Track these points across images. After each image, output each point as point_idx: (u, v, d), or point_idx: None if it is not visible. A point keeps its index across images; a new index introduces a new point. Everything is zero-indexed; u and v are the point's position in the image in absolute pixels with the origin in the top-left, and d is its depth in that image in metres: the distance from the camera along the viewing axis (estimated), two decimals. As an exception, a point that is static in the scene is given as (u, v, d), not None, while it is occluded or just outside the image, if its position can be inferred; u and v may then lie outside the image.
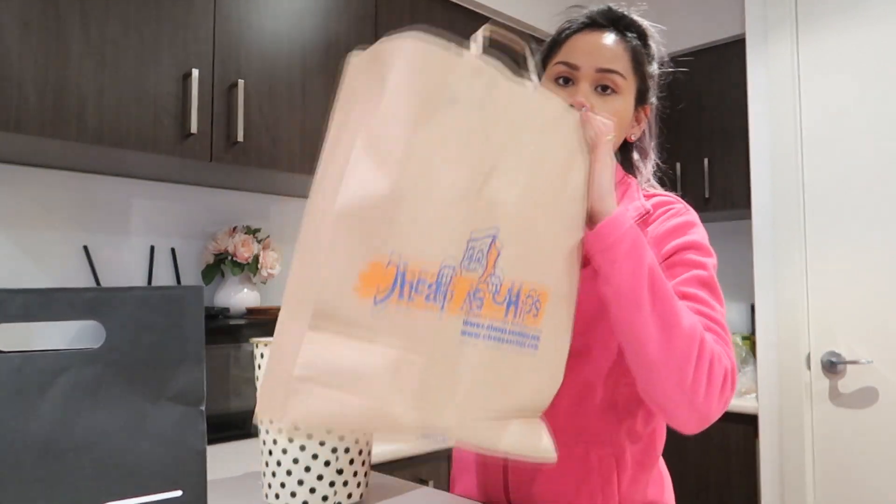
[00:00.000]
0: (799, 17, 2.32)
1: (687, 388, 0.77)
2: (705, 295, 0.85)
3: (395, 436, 0.69)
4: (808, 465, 2.22)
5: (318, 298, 0.58)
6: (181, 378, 0.42)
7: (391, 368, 0.61)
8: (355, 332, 0.60)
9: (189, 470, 0.42)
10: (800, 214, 2.27)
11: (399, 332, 0.62)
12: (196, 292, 0.43)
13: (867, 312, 2.13)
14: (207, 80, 1.66)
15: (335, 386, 0.59)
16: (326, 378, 0.58)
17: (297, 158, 1.83)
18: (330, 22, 1.94)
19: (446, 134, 0.64)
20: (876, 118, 2.14)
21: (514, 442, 0.70)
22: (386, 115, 0.62)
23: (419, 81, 0.63)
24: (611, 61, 0.92)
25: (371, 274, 0.60)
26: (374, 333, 0.61)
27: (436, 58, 0.64)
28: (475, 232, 0.66)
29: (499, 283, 0.68)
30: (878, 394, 2.10)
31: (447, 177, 0.64)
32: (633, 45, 0.95)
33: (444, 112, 0.64)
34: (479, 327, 0.67)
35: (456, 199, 0.64)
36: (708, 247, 0.91)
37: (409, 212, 0.61)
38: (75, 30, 1.47)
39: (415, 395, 0.63)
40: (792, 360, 2.26)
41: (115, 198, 1.88)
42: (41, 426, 0.38)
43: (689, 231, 0.91)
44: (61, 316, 0.39)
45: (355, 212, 0.59)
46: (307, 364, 0.58)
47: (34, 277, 1.73)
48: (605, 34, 0.95)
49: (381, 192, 0.60)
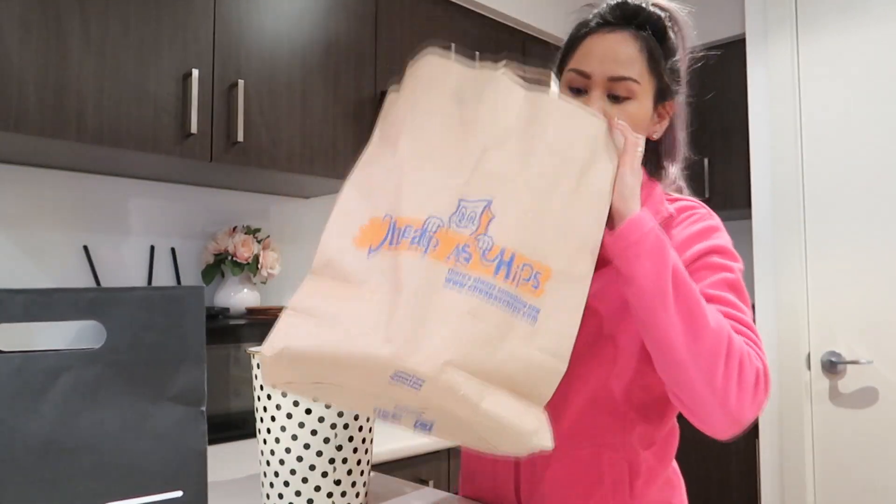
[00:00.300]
0: (799, 17, 2.32)
1: (718, 388, 0.74)
2: (733, 297, 0.83)
3: (372, 380, 0.68)
4: (808, 465, 2.22)
5: (322, 248, 0.71)
6: (181, 378, 0.42)
7: (371, 306, 0.66)
8: (350, 277, 0.69)
9: (189, 470, 0.42)
10: (800, 214, 2.27)
11: (385, 274, 0.67)
12: (196, 292, 0.43)
13: (867, 312, 2.13)
14: (207, 80, 1.66)
15: (316, 320, 0.66)
16: (311, 312, 0.67)
17: (297, 158, 1.83)
18: (330, 22, 1.94)
19: (447, 122, 0.74)
20: (876, 118, 2.14)
21: (496, 408, 0.65)
22: (399, 106, 0.77)
23: (427, 75, 0.76)
24: (624, 67, 0.88)
25: (370, 227, 0.71)
26: (365, 278, 0.68)
27: (449, 65, 0.75)
28: (468, 195, 0.70)
29: (490, 243, 0.68)
30: (878, 394, 2.10)
31: (443, 152, 0.73)
32: (650, 46, 0.90)
33: (449, 107, 0.74)
34: (465, 278, 0.66)
35: (450, 167, 0.72)
36: (733, 251, 0.89)
37: (406, 176, 0.72)
38: (75, 30, 1.47)
39: (388, 329, 0.63)
40: (792, 360, 2.26)
41: (115, 198, 1.88)
42: (41, 426, 0.38)
43: (713, 235, 0.89)
44: (62, 316, 0.39)
45: (364, 178, 0.75)
46: (298, 301, 0.68)
47: (34, 277, 1.73)
48: (618, 35, 0.90)
49: (384, 163, 0.75)
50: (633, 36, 0.90)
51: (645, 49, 0.90)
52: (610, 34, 0.90)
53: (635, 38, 0.90)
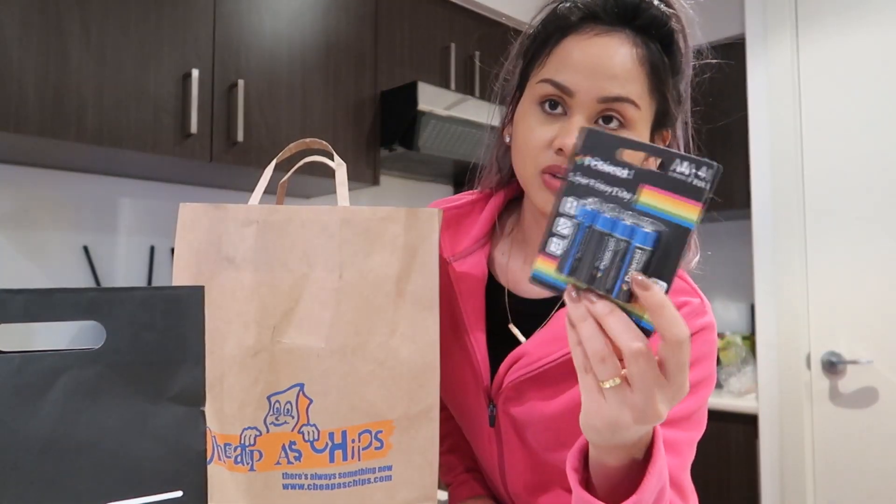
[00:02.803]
0: (799, 18, 2.32)
1: None
2: (685, 459, 0.71)
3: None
4: (808, 465, 2.22)
5: None
6: (181, 378, 0.42)
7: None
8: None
9: (189, 470, 0.42)
10: (800, 214, 2.27)
11: (216, 491, 0.62)
12: (196, 292, 0.43)
13: (867, 312, 2.13)
14: (207, 80, 1.66)
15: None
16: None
17: (297, 158, 1.83)
18: (330, 22, 1.94)
19: (225, 295, 0.63)
20: (876, 118, 2.14)
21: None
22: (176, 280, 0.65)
23: (195, 240, 0.63)
24: (620, 84, 0.66)
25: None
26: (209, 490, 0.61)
27: (206, 216, 0.63)
28: (275, 389, 0.62)
29: (316, 433, 0.62)
30: (878, 394, 2.10)
31: (232, 339, 0.62)
32: (653, 58, 0.68)
33: (223, 273, 0.63)
34: (301, 477, 0.62)
35: (246, 360, 0.62)
36: (713, 377, 0.74)
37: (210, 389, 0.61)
38: (75, 30, 1.47)
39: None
40: (792, 360, 2.26)
41: (116, 198, 1.88)
42: (41, 426, 0.38)
43: (702, 363, 0.72)
44: (61, 316, 0.39)
45: None
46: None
47: (34, 277, 1.73)
48: (612, 39, 0.67)
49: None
50: (632, 42, 0.68)
51: (647, 61, 0.68)
52: (601, 37, 0.67)
53: (634, 44, 0.68)
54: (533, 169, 0.70)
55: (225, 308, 0.62)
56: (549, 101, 0.69)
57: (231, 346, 0.62)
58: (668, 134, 0.76)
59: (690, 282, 0.77)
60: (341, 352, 0.62)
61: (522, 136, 0.72)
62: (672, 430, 0.69)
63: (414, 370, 0.63)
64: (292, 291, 0.62)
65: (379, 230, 0.63)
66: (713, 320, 0.74)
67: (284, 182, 0.80)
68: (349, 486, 0.62)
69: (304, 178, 1.88)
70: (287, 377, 0.62)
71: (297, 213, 0.63)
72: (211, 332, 0.62)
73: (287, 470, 0.62)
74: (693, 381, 0.69)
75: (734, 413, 2.37)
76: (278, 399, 0.62)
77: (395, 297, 0.63)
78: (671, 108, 0.72)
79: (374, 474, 0.63)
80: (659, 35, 0.69)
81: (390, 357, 0.63)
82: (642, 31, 0.69)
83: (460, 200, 0.87)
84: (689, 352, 0.46)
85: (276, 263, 0.62)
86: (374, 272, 0.63)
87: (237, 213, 0.63)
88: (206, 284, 0.62)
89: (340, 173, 0.67)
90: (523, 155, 0.72)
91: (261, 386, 0.62)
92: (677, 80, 0.72)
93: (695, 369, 0.70)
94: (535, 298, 0.80)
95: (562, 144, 0.67)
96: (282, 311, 0.62)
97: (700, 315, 0.72)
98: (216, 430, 0.62)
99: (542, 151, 0.69)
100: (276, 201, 0.79)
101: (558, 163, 0.68)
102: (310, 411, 0.62)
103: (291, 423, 0.62)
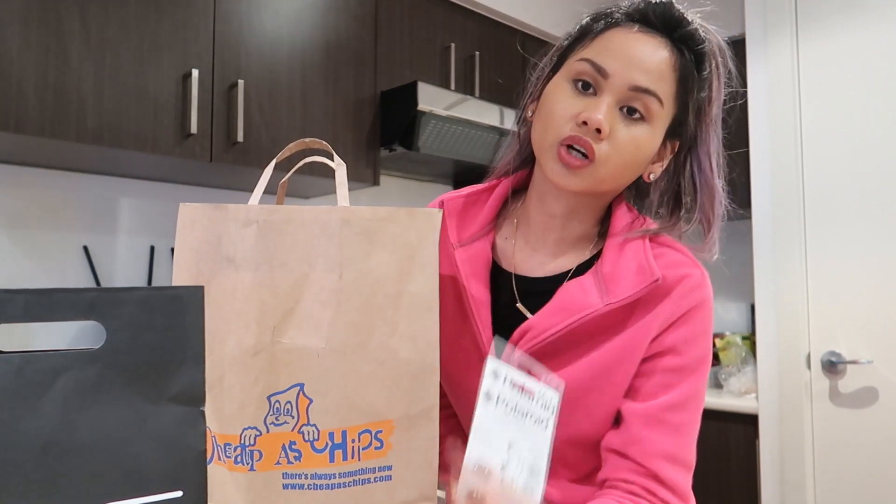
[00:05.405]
0: (799, 17, 2.32)
1: None
2: (681, 418, 0.74)
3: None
4: (808, 465, 2.22)
5: None
6: (181, 378, 0.42)
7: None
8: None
9: (189, 470, 0.42)
10: (800, 214, 2.27)
11: (216, 491, 0.62)
12: (196, 292, 0.43)
13: (867, 312, 2.13)
14: (207, 80, 1.66)
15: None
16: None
17: (297, 159, 1.83)
18: (329, 21, 1.94)
19: (225, 295, 0.63)
20: (876, 118, 2.14)
21: None
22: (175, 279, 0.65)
23: (195, 240, 0.63)
24: (652, 80, 0.72)
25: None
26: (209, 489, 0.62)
27: (206, 216, 0.63)
28: (275, 389, 0.62)
29: (316, 433, 0.62)
30: (878, 394, 2.10)
31: (232, 339, 0.62)
32: (685, 67, 0.75)
33: (223, 273, 0.63)
34: (301, 477, 0.62)
35: (246, 360, 0.62)
36: (710, 352, 0.78)
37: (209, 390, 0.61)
38: (75, 30, 1.47)
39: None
40: (792, 360, 2.26)
41: (116, 198, 1.88)
42: (41, 426, 0.38)
43: (701, 340, 0.76)
44: (62, 316, 0.39)
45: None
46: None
47: (34, 277, 1.73)
48: (653, 40, 0.74)
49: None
50: (670, 48, 0.74)
51: (679, 68, 0.74)
52: (644, 35, 0.74)
53: (671, 50, 0.74)
54: (553, 138, 0.74)
55: (225, 308, 0.62)
56: (583, 82, 0.74)
57: (231, 346, 0.62)
58: (677, 144, 0.80)
59: (688, 253, 0.81)
60: (341, 352, 0.62)
61: (549, 106, 0.76)
62: (679, 413, 0.74)
63: (414, 370, 0.64)
64: (292, 291, 0.62)
65: (379, 230, 0.63)
66: (710, 293, 0.78)
67: (284, 182, 0.80)
68: (349, 486, 0.63)
69: (303, 178, 1.88)
70: (287, 377, 0.62)
71: (297, 213, 0.63)
72: (211, 332, 0.62)
73: (287, 470, 0.62)
74: (694, 358, 0.75)
75: (734, 413, 2.37)
76: (278, 399, 0.62)
77: (395, 298, 0.63)
78: (689, 119, 0.78)
79: (374, 474, 0.63)
80: (694, 50, 0.76)
81: (390, 357, 0.63)
82: (680, 42, 0.75)
83: (468, 190, 0.90)
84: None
85: (277, 263, 0.62)
86: (374, 272, 0.63)
87: (237, 213, 0.63)
88: (206, 284, 0.62)
89: (340, 173, 0.68)
90: (546, 123, 0.75)
91: (261, 386, 0.62)
92: (701, 97, 0.77)
93: (695, 347, 0.75)
94: (541, 276, 0.82)
95: (587, 118, 0.71)
96: (282, 311, 0.62)
97: (699, 288, 0.77)
98: (216, 430, 0.63)
99: (566, 122, 0.73)
100: (276, 201, 0.79)
101: (579, 134, 0.72)
102: (310, 411, 0.62)
103: (291, 423, 0.62)
